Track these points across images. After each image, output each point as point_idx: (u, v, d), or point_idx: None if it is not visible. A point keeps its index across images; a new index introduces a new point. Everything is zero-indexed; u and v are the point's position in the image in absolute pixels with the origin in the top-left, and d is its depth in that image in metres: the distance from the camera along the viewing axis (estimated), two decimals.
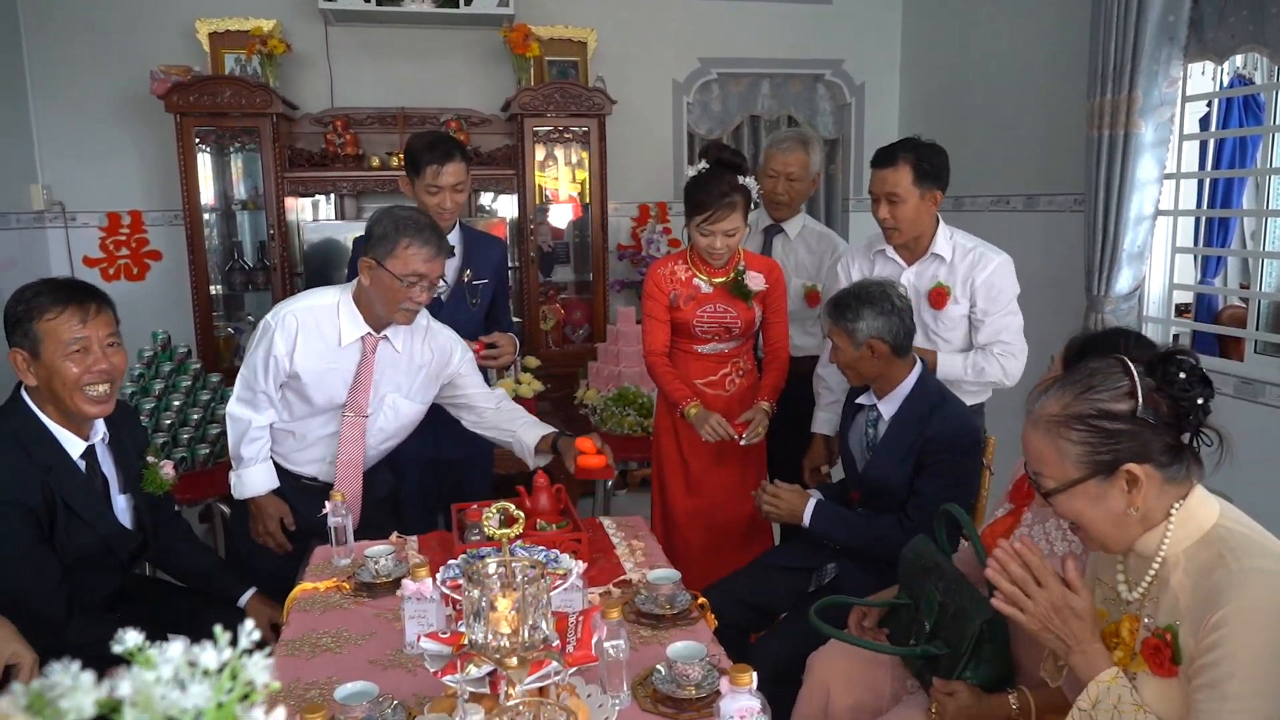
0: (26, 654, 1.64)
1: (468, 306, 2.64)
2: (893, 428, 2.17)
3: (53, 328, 1.80)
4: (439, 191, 2.52)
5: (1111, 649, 1.32)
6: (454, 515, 2.12)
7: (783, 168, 2.99)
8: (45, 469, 1.84)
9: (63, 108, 4.17)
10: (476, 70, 4.52)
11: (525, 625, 0.99)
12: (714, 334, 2.64)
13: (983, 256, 2.51)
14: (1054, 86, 3.77)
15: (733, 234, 2.50)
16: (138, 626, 1.74)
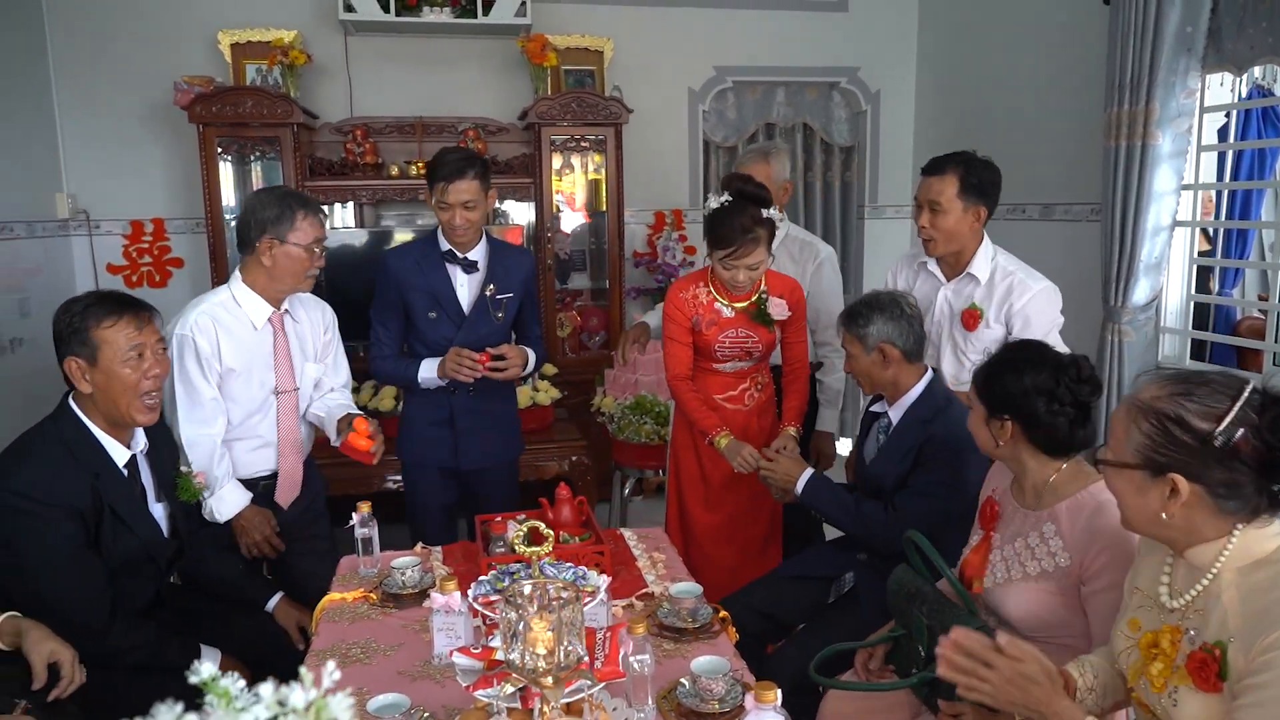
0: (65, 651, 1.68)
1: (490, 320, 2.63)
2: (898, 430, 2.23)
3: (111, 335, 1.88)
4: (448, 208, 2.50)
5: (1150, 660, 1.32)
6: (478, 527, 2.15)
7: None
8: (94, 475, 1.89)
9: (87, 118, 4.23)
10: (494, 79, 4.56)
11: (561, 647, 1.02)
12: (735, 355, 2.66)
13: (1021, 283, 2.46)
14: (1070, 96, 3.77)
15: (755, 268, 2.50)
16: (172, 632, 1.79)
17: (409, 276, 2.59)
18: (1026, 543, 1.72)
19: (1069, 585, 1.66)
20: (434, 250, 2.60)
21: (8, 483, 1.82)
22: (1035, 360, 1.72)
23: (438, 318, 2.60)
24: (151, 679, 1.90)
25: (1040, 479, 1.73)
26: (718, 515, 2.73)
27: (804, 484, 2.33)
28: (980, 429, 1.77)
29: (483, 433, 2.67)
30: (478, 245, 2.62)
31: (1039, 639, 1.69)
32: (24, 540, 1.82)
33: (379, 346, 2.66)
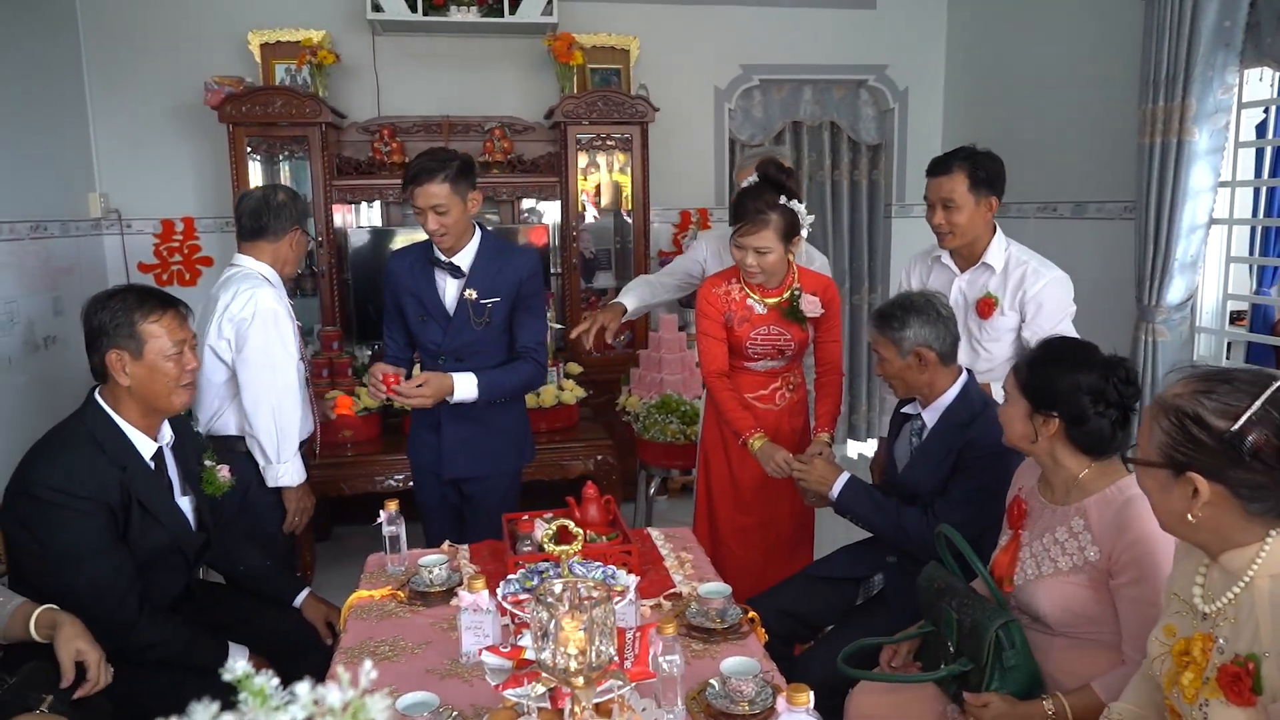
0: (92, 651, 1.69)
1: (471, 328, 2.51)
2: (933, 434, 2.18)
3: (156, 329, 1.92)
4: (420, 212, 2.42)
5: (1182, 668, 1.29)
6: (505, 525, 2.14)
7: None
8: (121, 468, 1.91)
9: (120, 118, 4.28)
10: (520, 78, 4.56)
11: (592, 647, 1.01)
12: (766, 354, 2.62)
13: (1035, 271, 2.50)
14: (1103, 92, 3.72)
15: (764, 252, 2.44)
16: (200, 628, 1.79)
17: (403, 279, 2.56)
18: (1055, 537, 1.70)
19: (1099, 579, 1.64)
20: (428, 254, 2.54)
21: (37, 476, 1.84)
22: (1085, 359, 1.69)
23: (425, 322, 2.55)
24: (181, 676, 1.92)
25: (1071, 475, 1.71)
26: (747, 517, 2.71)
27: (840, 489, 2.27)
28: (1019, 422, 1.73)
29: (470, 442, 2.56)
30: (466, 248, 2.51)
31: (1072, 634, 1.68)
32: (54, 532, 1.83)
33: (386, 350, 2.66)
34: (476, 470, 2.59)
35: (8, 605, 1.74)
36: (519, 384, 2.56)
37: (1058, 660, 1.69)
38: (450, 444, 2.56)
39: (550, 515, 2.16)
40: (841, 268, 5.14)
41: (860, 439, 5.34)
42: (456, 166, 2.41)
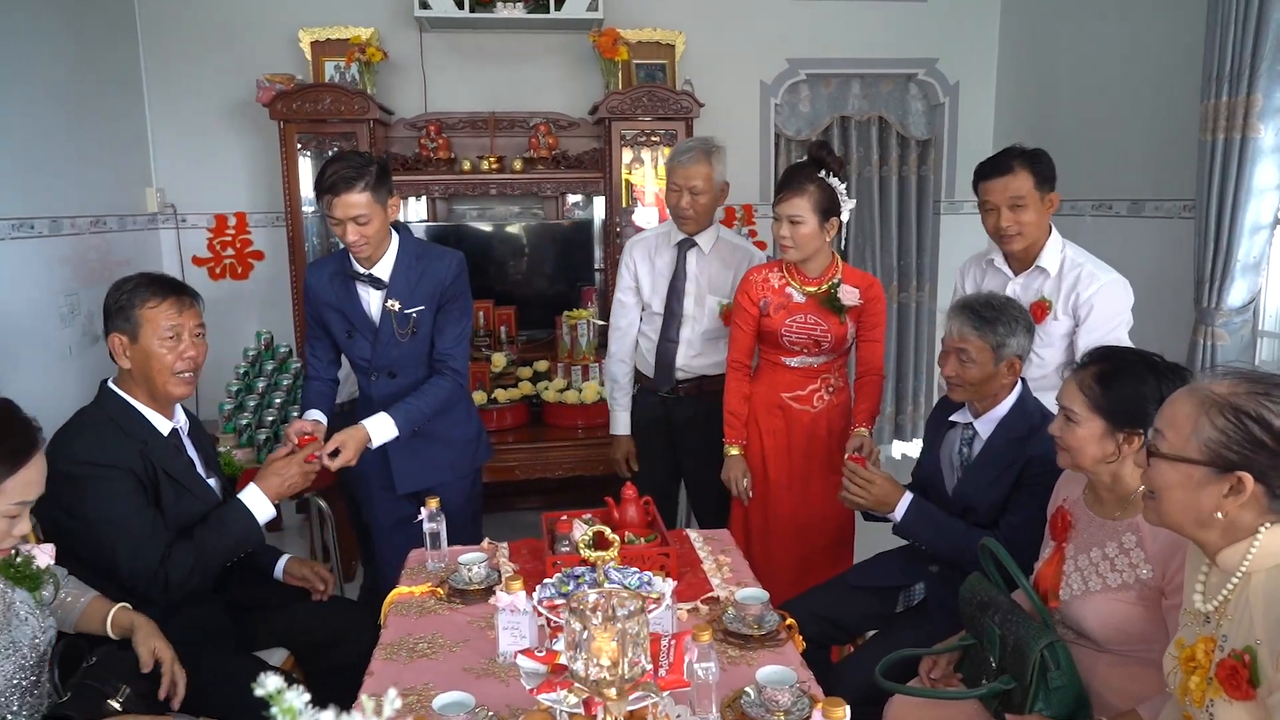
0: (166, 650, 1.73)
1: (398, 341, 2.43)
2: (989, 447, 2.11)
3: (152, 315, 1.96)
4: (338, 224, 2.29)
5: (1189, 674, 1.29)
6: (544, 524, 2.15)
7: (684, 181, 2.80)
8: (142, 442, 1.96)
9: (176, 116, 4.38)
10: (565, 74, 4.57)
11: (625, 659, 1.01)
12: (803, 346, 2.59)
13: (1090, 274, 2.42)
14: (1163, 87, 3.61)
15: (797, 221, 2.44)
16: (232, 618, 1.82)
17: (324, 294, 2.47)
18: (1104, 553, 1.66)
19: (1151, 597, 1.59)
20: (345, 266, 2.45)
21: (62, 453, 1.88)
22: (1150, 367, 1.64)
23: (353, 338, 2.48)
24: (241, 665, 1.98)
25: (1127, 490, 1.66)
26: (778, 515, 2.67)
27: (905, 509, 2.16)
28: (1094, 444, 1.65)
29: (419, 454, 2.50)
30: (384, 257, 2.42)
31: (1121, 652, 1.63)
32: (85, 501, 1.88)
33: (310, 368, 2.57)
34: (432, 480, 2.52)
35: (81, 599, 1.78)
36: (437, 404, 2.44)
37: (1104, 676, 1.64)
38: (400, 461, 2.49)
39: (589, 516, 2.16)
40: (889, 264, 5.07)
41: (906, 439, 5.27)
42: (375, 172, 2.29)
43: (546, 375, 3.96)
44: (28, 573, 1.58)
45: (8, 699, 1.48)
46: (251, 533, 2.08)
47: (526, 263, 4.57)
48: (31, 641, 1.54)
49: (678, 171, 2.82)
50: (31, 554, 1.61)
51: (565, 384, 3.85)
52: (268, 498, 2.10)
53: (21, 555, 1.59)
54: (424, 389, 2.44)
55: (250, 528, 2.07)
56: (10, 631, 1.52)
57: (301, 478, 2.17)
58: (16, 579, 1.56)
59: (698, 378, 2.97)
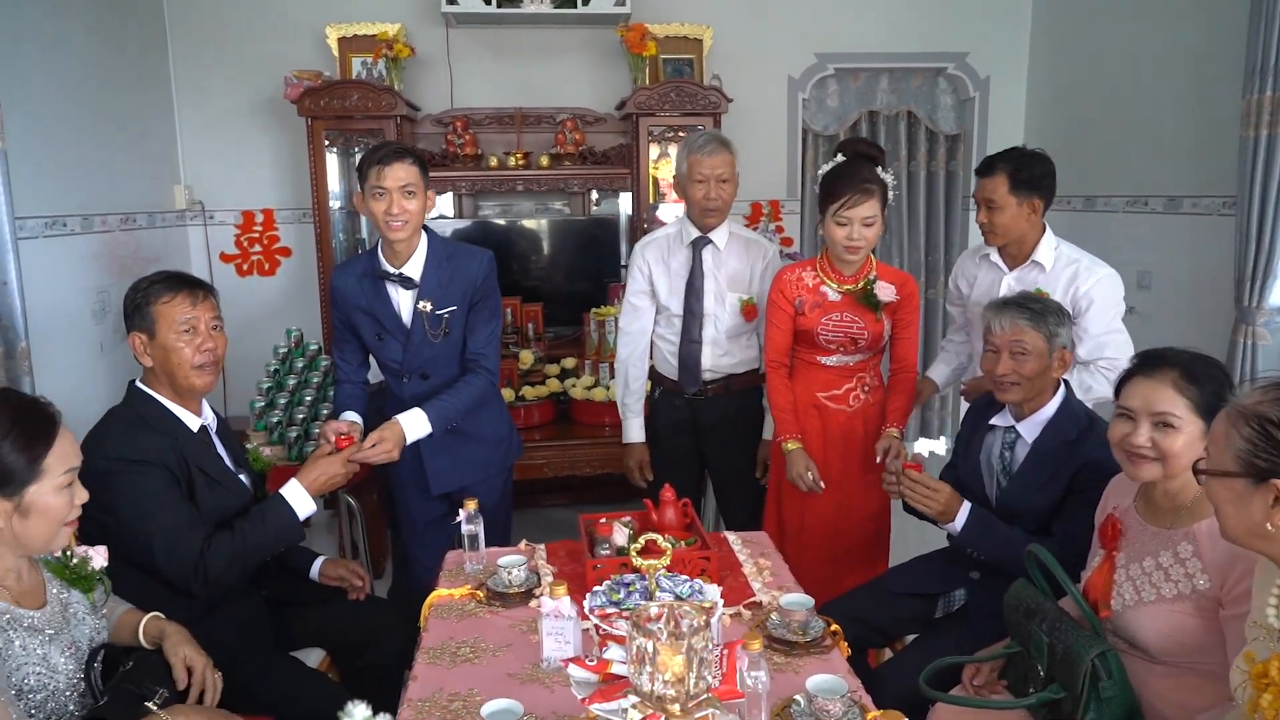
0: (198, 657, 1.72)
1: (430, 342, 2.42)
2: (1036, 452, 2.08)
3: (166, 310, 1.97)
4: (384, 194, 2.30)
5: (1262, 690, 1.25)
6: (582, 527, 2.14)
7: (711, 171, 2.77)
8: (172, 438, 1.97)
9: (204, 113, 4.39)
10: (592, 69, 4.55)
11: (690, 675, 0.99)
12: (839, 345, 2.56)
13: (1086, 269, 2.52)
14: (1202, 81, 3.55)
15: (870, 223, 2.42)
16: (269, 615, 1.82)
17: (352, 297, 2.46)
18: (1158, 562, 1.62)
19: (1209, 608, 1.56)
20: (374, 267, 2.44)
21: (95, 451, 1.88)
22: (1225, 373, 1.62)
23: (384, 340, 2.46)
24: (281, 663, 1.98)
25: (1183, 498, 1.63)
26: (815, 515, 2.62)
27: (964, 520, 2.10)
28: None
29: (453, 454, 2.50)
30: (414, 256, 2.42)
31: (1178, 664, 1.60)
32: (119, 497, 1.87)
33: (339, 371, 2.56)
34: (466, 480, 2.52)
35: (116, 611, 1.78)
36: (470, 402, 2.42)
37: (1156, 688, 1.61)
38: (434, 461, 2.49)
39: (629, 519, 2.15)
40: (917, 260, 5.03)
41: (933, 436, 5.23)
42: (420, 158, 2.38)
43: (574, 372, 3.94)
44: (83, 573, 1.58)
45: (67, 698, 1.48)
46: (292, 528, 2.07)
47: (553, 259, 4.55)
48: (90, 641, 1.54)
49: (703, 163, 2.79)
50: (88, 555, 1.61)
51: (593, 381, 3.84)
52: (309, 494, 2.09)
53: (77, 557, 1.59)
54: (457, 386, 2.43)
55: (291, 523, 2.06)
56: (70, 631, 1.53)
57: (343, 475, 2.16)
58: (73, 580, 1.57)
59: (725, 377, 2.94)
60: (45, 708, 1.46)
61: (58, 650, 1.48)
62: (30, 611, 1.48)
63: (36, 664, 1.44)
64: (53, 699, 1.46)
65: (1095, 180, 4.19)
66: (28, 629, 1.45)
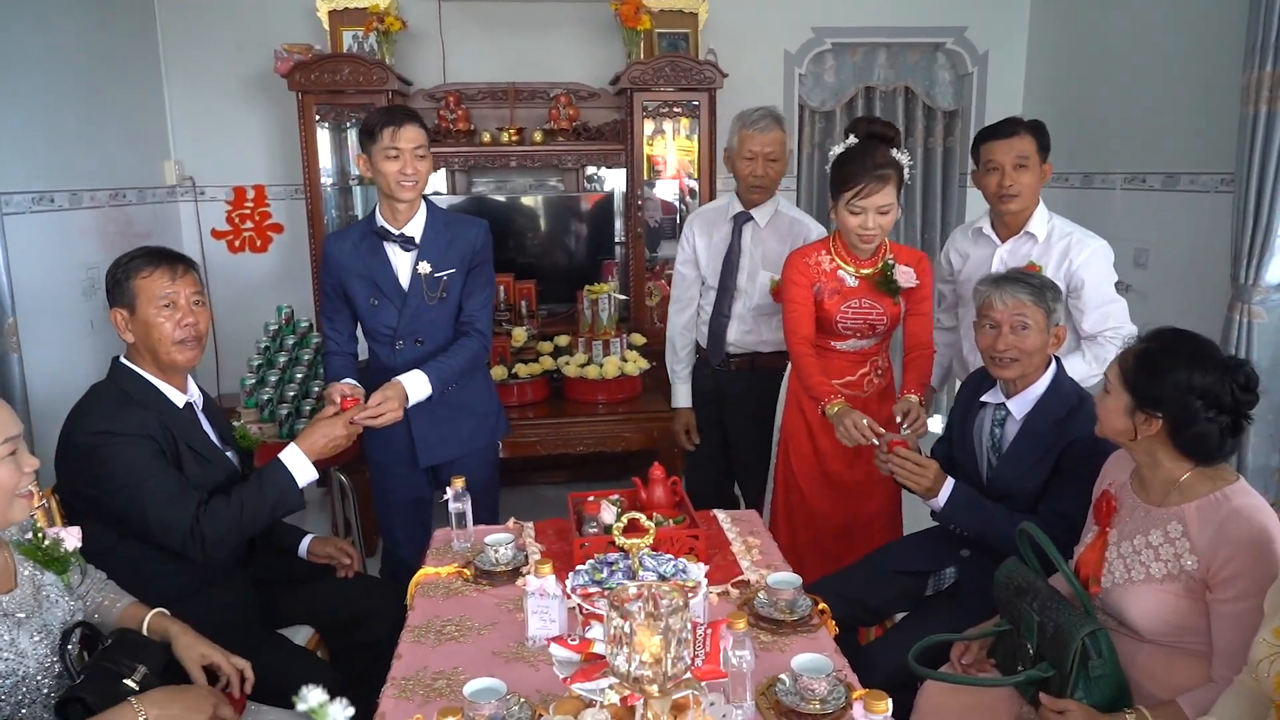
0: (214, 652, 1.70)
1: (427, 305, 2.42)
2: (1025, 430, 2.06)
3: (146, 285, 1.93)
4: (398, 155, 2.32)
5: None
6: (570, 505, 2.13)
7: (761, 148, 2.80)
8: (158, 413, 1.94)
9: (194, 87, 4.34)
10: (586, 44, 4.49)
11: (668, 656, 0.98)
12: (856, 330, 2.49)
13: (1079, 242, 2.52)
14: (1202, 57, 3.50)
15: (885, 211, 2.34)
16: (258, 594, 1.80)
17: (347, 260, 2.44)
18: (1148, 541, 1.62)
19: (1196, 589, 1.55)
20: (373, 228, 2.44)
21: (79, 427, 1.87)
22: (1201, 356, 1.57)
23: (379, 304, 2.44)
24: (268, 643, 1.97)
25: (1170, 477, 1.62)
26: (833, 508, 2.58)
27: (947, 496, 2.09)
28: (1118, 417, 1.63)
29: (441, 425, 2.49)
30: (415, 218, 2.43)
31: (1166, 644, 1.60)
32: (107, 469, 1.85)
33: (329, 342, 2.53)
34: (453, 453, 2.52)
35: (117, 604, 1.76)
36: (465, 363, 2.43)
37: (1144, 666, 1.61)
38: (423, 431, 2.47)
39: (616, 497, 2.14)
40: (913, 238, 4.99)
41: (943, 412, 5.22)
42: (423, 122, 2.42)
43: (567, 350, 3.92)
44: (56, 555, 1.56)
45: (39, 682, 1.47)
46: (290, 494, 2.02)
47: (546, 236, 4.52)
48: (63, 624, 1.53)
49: (754, 139, 2.81)
50: (60, 537, 1.59)
51: (586, 359, 3.82)
52: (309, 459, 2.05)
53: (50, 538, 1.58)
54: (453, 349, 2.43)
55: (290, 489, 2.02)
56: (42, 614, 1.51)
57: (347, 437, 2.13)
58: (46, 562, 1.55)
59: (750, 354, 2.96)
60: (15, 693, 1.44)
61: (26, 635, 1.46)
62: None
63: (4, 649, 1.42)
64: (24, 684, 1.44)
65: (1093, 157, 4.15)
66: None
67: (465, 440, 2.54)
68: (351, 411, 2.15)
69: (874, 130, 2.42)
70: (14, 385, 3.04)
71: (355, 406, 2.17)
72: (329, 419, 2.12)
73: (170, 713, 1.48)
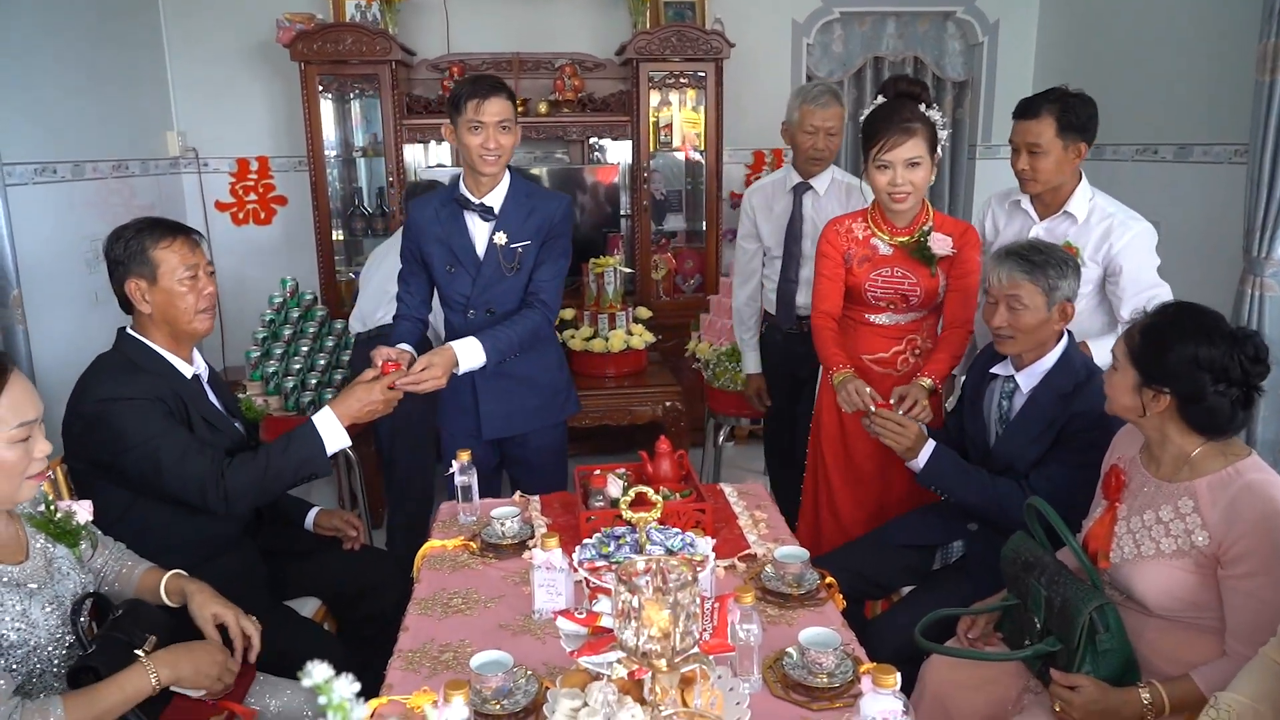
0: (226, 611, 1.70)
1: (502, 275, 2.40)
2: (1031, 403, 2.05)
3: (167, 255, 1.92)
4: (481, 128, 2.29)
5: None
6: (576, 478, 2.13)
7: (822, 123, 2.89)
8: (168, 381, 1.93)
9: (196, 57, 4.30)
10: (592, 14, 4.44)
11: (676, 630, 0.98)
12: (889, 301, 2.38)
13: (1121, 224, 2.38)
14: (1216, 24, 3.44)
15: (916, 163, 2.21)
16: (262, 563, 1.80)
17: (429, 226, 2.43)
18: (1159, 516, 1.60)
19: (1207, 565, 1.54)
20: (455, 195, 2.43)
21: (89, 395, 1.86)
22: (1208, 330, 1.54)
23: (455, 272, 2.43)
24: (276, 614, 1.97)
25: (1181, 452, 1.60)
26: (861, 494, 2.50)
27: (927, 457, 2.10)
28: (1126, 394, 1.62)
29: (508, 399, 2.47)
30: (497, 189, 2.41)
31: (1174, 619, 1.59)
32: (124, 429, 1.83)
33: (400, 305, 2.52)
34: (518, 428, 2.51)
35: (136, 570, 1.76)
36: (525, 334, 2.38)
37: (1152, 641, 1.61)
38: (488, 404, 2.46)
39: (623, 470, 2.13)
40: None
41: None
42: (512, 92, 2.38)
43: (573, 324, 3.91)
44: (68, 528, 1.57)
45: (50, 652, 1.48)
46: (317, 458, 1.98)
47: None
48: (73, 596, 1.53)
49: (815, 114, 2.89)
50: (71, 509, 1.59)
51: (592, 332, 3.80)
52: (342, 424, 2.02)
53: (61, 511, 1.58)
54: (514, 319, 2.39)
55: (317, 452, 1.98)
56: (54, 586, 1.52)
57: (384, 403, 2.08)
58: (57, 535, 1.55)
59: None
60: (28, 662, 1.45)
61: (38, 605, 1.47)
62: (10, 566, 1.46)
63: (15, 619, 1.43)
64: (35, 654, 1.45)
65: (1105, 128, 4.02)
66: (7, 584, 1.44)
67: (530, 416, 2.52)
68: (391, 376, 2.10)
69: (900, 89, 2.35)
70: (20, 357, 3.04)
71: (395, 371, 2.12)
72: (367, 383, 2.08)
73: (180, 671, 1.51)
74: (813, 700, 1.41)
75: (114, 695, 1.43)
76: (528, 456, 2.56)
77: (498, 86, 2.33)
